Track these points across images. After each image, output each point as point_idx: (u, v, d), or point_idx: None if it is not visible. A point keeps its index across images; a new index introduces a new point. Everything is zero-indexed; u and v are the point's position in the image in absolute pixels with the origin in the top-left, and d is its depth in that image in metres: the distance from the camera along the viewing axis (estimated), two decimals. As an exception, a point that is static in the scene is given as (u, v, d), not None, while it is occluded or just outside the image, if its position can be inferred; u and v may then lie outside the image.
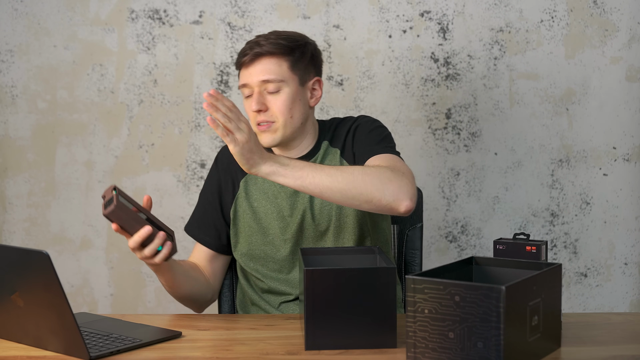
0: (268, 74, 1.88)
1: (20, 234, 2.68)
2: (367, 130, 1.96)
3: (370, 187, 1.70)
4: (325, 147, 1.98)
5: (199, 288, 1.94)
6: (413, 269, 2.12)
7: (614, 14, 2.66)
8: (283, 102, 1.89)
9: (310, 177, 1.68)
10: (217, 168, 2.03)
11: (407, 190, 1.72)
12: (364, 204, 1.71)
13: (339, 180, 1.69)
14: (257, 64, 1.89)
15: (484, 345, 1.33)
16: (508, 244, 1.66)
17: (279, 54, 1.90)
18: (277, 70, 1.89)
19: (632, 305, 2.75)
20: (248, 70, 1.89)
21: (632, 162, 2.71)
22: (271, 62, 1.89)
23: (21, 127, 2.66)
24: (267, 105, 1.88)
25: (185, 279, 1.88)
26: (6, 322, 1.57)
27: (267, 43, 1.89)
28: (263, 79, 1.88)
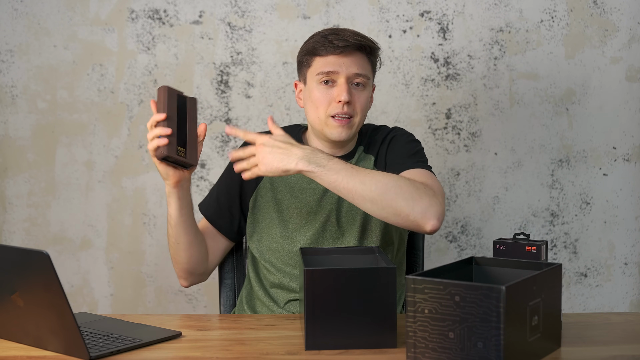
0: (361, 68, 1.89)
1: (20, 234, 2.68)
2: (402, 142, 1.97)
3: (401, 201, 1.70)
4: (360, 152, 1.99)
5: (197, 251, 1.93)
6: (415, 269, 2.12)
7: (614, 14, 2.66)
8: (365, 99, 1.91)
9: (344, 182, 1.69)
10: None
11: (435, 210, 1.72)
12: (391, 217, 1.71)
13: (372, 189, 1.69)
14: (352, 55, 1.88)
15: (484, 345, 1.33)
16: (508, 244, 1.66)
17: (369, 53, 1.92)
18: (367, 67, 1.92)
19: (632, 305, 2.75)
20: (341, 59, 1.87)
21: (632, 162, 2.71)
22: (363, 58, 1.91)
23: (21, 127, 2.66)
24: (352, 99, 1.88)
25: (189, 231, 1.88)
26: (6, 322, 1.57)
27: (362, 38, 1.89)
28: (357, 72, 1.88)
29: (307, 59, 1.92)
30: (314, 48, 1.90)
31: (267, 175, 1.72)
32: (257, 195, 1.98)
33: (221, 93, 2.65)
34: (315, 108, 1.89)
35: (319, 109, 1.89)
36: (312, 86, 1.90)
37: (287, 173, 1.69)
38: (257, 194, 1.98)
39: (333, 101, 1.87)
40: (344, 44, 1.86)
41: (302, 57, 1.95)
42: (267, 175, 1.69)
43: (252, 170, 1.71)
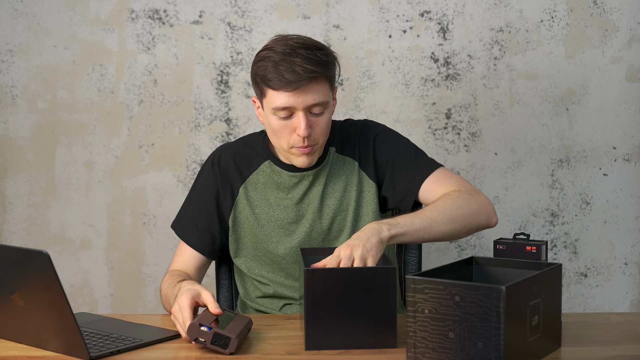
0: (319, 97, 1.78)
1: (20, 234, 2.68)
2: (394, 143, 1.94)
3: (469, 217, 1.79)
4: (333, 154, 1.94)
5: None
6: (411, 269, 2.12)
7: (614, 14, 2.66)
8: (326, 124, 1.83)
9: (425, 227, 1.73)
10: (214, 170, 1.96)
11: (487, 205, 1.84)
12: (464, 233, 1.81)
13: (445, 222, 1.76)
14: (307, 88, 1.76)
15: (484, 345, 1.33)
16: (508, 244, 1.66)
17: (325, 74, 1.80)
18: (325, 92, 1.81)
19: (632, 305, 2.75)
20: (295, 95, 1.76)
21: (632, 162, 2.71)
22: (319, 84, 1.79)
23: (21, 127, 2.66)
24: (312, 127, 1.80)
25: None
26: (6, 322, 1.57)
27: (313, 63, 1.76)
28: (313, 102, 1.78)
29: (261, 87, 1.81)
30: (265, 77, 1.78)
31: (363, 262, 1.61)
32: (235, 213, 1.93)
33: (221, 93, 2.65)
34: (277, 138, 1.83)
35: (280, 139, 1.82)
36: (269, 116, 1.81)
37: (384, 245, 1.65)
38: (235, 212, 1.93)
39: (293, 132, 1.80)
40: (297, 78, 1.74)
41: (254, 79, 1.83)
42: (363, 262, 1.61)
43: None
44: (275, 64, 1.76)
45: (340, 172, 1.93)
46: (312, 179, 1.91)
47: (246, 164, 1.95)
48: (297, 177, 1.91)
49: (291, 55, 1.76)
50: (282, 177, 1.92)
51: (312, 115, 1.80)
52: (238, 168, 1.95)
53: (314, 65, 1.75)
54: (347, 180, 1.92)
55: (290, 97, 1.76)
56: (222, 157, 1.97)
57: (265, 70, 1.78)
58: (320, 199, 1.91)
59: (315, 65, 1.76)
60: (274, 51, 1.78)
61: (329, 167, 1.93)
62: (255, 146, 1.97)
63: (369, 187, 1.92)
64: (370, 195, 1.92)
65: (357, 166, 1.93)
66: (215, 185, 1.95)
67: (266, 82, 1.78)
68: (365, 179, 1.92)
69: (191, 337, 1.49)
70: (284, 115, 1.79)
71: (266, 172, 1.93)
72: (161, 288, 1.86)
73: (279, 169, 1.92)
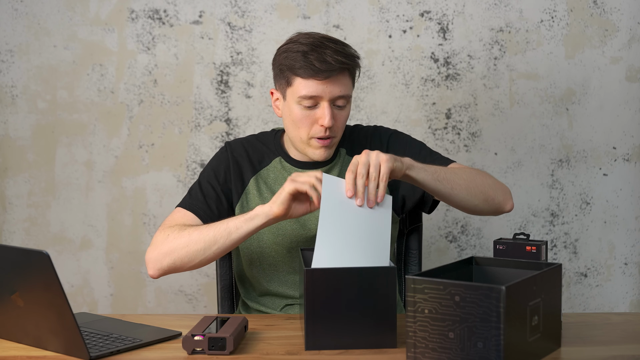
0: (344, 89, 1.82)
1: (20, 234, 2.68)
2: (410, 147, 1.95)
3: (487, 187, 1.80)
4: (343, 155, 1.96)
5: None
6: (412, 269, 2.12)
7: (614, 14, 2.66)
8: (345, 118, 1.87)
9: (443, 173, 1.74)
10: (227, 155, 1.95)
11: (506, 187, 1.86)
12: (481, 203, 1.80)
13: (464, 178, 1.77)
14: (335, 79, 1.80)
15: (484, 345, 1.33)
16: (508, 244, 1.66)
17: (352, 68, 1.84)
18: (349, 86, 1.85)
19: (632, 305, 2.75)
20: (324, 84, 1.79)
21: (632, 162, 2.71)
22: (346, 77, 1.83)
23: (21, 127, 2.66)
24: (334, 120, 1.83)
25: (225, 252, 1.79)
26: (6, 322, 1.57)
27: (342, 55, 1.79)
28: (340, 94, 1.81)
29: (287, 76, 1.83)
30: (293, 66, 1.80)
31: (394, 168, 1.65)
32: (243, 202, 1.93)
33: (221, 93, 2.65)
34: (296, 127, 1.85)
35: (300, 129, 1.84)
36: (292, 105, 1.84)
37: (400, 170, 1.67)
38: (244, 201, 1.93)
39: (315, 123, 1.83)
40: (327, 68, 1.77)
41: (279, 69, 1.85)
42: (394, 167, 1.64)
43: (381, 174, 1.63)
44: (304, 53, 1.79)
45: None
46: None
47: (258, 158, 1.96)
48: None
49: (320, 47, 1.79)
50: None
51: (335, 108, 1.83)
52: (250, 160, 1.96)
53: (344, 57, 1.79)
54: None
55: (318, 85, 1.79)
56: (235, 147, 1.98)
57: (293, 60, 1.80)
58: None
59: (345, 58, 1.80)
60: (300, 43, 1.81)
61: (339, 167, 1.95)
62: (267, 142, 1.99)
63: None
64: None
65: None
66: (227, 168, 1.95)
67: (294, 71, 1.80)
68: None
69: (188, 350, 1.49)
70: (308, 105, 1.81)
71: (277, 169, 1.95)
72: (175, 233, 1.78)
73: (290, 166, 1.94)
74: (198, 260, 1.77)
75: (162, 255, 1.79)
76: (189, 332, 1.51)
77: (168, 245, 1.79)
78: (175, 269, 1.80)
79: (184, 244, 1.77)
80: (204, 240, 1.75)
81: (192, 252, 1.77)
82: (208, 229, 1.76)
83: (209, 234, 1.75)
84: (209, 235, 1.75)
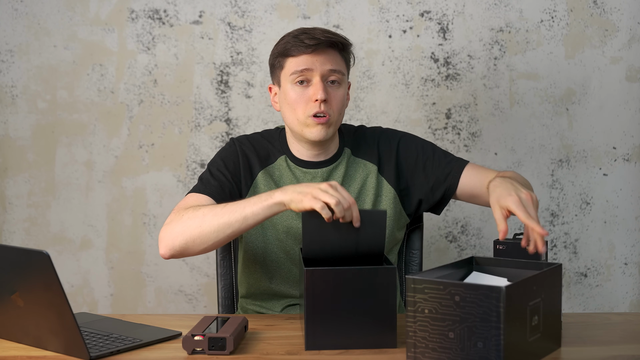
0: (335, 64, 1.86)
1: (20, 234, 2.68)
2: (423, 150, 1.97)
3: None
4: (348, 155, 1.96)
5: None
6: (413, 269, 2.12)
7: (614, 14, 2.66)
8: (341, 97, 1.89)
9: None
10: (236, 147, 1.96)
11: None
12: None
13: (522, 183, 1.80)
14: (325, 53, 1.85)
15: (484, 345, 1.33)
16: (508, 244, 1.66)
17: (342, 49, 1.89)
18: (341, 64, 1.89)
19: (632, 305, 2.75)
20: (314, 57, 1.85)
21: (632, 162, 2.71)
22: (336, 54, 1.88)
23: (21, 127, 2.66)
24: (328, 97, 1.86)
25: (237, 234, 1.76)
26: (6, 322, 1.57)
27: (333, 35, 1.87)
28: (331, 68, 1.85)
29: (280, 61, 1.90)
30: (285, 49, 1.87)
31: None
32: (252, 194, 1.93)
33: (221, 93, 2.65)
34: (293, 110, 1.87)
35: (296, 110, 1.86)
36: (287, 88, 1.88)
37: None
38: (252, 193, 1.93)
39: (309, 101, 1.85)
40: (316, 42, 1.84)
41: (274, 59, 1.92)
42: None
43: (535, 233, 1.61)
44: (295, 36, 1.87)
45: (355, 175, 1.95)
46: (325, 177, 1.94)
47: (264, 154, 1.97)
48: (311, 175, 1.93)
49: (309, 29, 1.88)
50: (296, 174, 1.94)
51: (328, 85, 1.86)
52: (258, 155, 1.96)
53: (332, 34, 1.86)
54: (363, 183, 1.94)
55: (308, 58, 1.84)
56: (243, 142, 1.99)
57: (285, 44, 1.88)
58: None
59: (333, 35, 1.86)
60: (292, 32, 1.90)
61: (344, 168, 1.95)
62: (272, 140, 2.00)
63: (388, 192, 1.94)
64: (388, 200, 1.94)
65: (376, 170, 1.95)
66: (236, 159, 1.95)
67: (286, 53, 1.87)
68: (384, 184, 1.95)
69: (188, 351, 1.50)
70: (301, 79, 1.85)
71: (282, 166, 1.96)
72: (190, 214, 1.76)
73: (294, 165, 1.95)
74: (211, 242, 1.74)
75: (175, 234, 1.76)
76: (189, 332, 1.51)
77: (182, 225, 1.75)
78: (186, 249, 1.76)
79: (198, 224, 1.74)
80: (218, 223, 1.72)
81: (205, 234, 1.74)
82: (223, 211, 1.73)
83: (224, 218, 1.72)
84: (223, 218, 1.72)
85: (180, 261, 2.68)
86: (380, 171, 1.95)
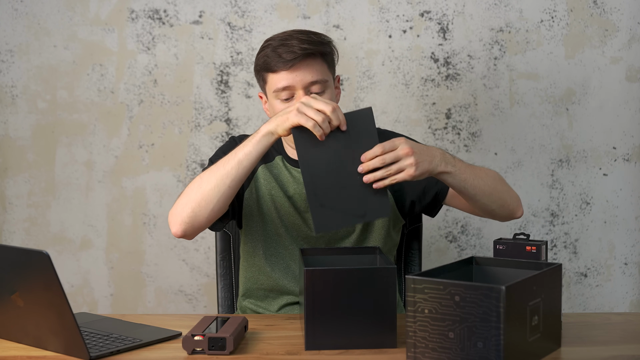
0: (316, 74, 1.84)
1: (20, 234, 2.68)
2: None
3: (504, 193, 1.83)
4: None
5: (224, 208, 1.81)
6: (412, 269, 2.12)
7: (614, 14, 2.66)
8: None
9: (471, 179, 1.75)
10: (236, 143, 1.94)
11: (518, 198, 1.89)
12: (498, 208, 1.83)
13: (488, 184, 1.78)
14: (304, 65, 1.83)
15: (484, 345, 1.33)
16: (508, 244, 1.66)
17: (320, 53, 1.86)
18: (323, 71, 1.87)
19: (632, 305, 2.75)
20: (293, 72, 1.82)
21: (632, 162, 2.71)
22: (316, 62, 1.85)
23: (21, 127, 2.66)
24: None
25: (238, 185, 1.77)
26: (6, 322, 1.57)
27: (307, 43, 1.83)
28: (312, 80, 1.83)
29: (262, 75, 1.89)
30: (265, 63, 1.86)
31: (414, 179, 1.65)
32: (252, 187, 1.95)
33: (221, 93, 2.65)
34: None
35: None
36: (273, 102, 1.87)
37: (431, 174, 1.67)
38: (253, 187, 1.95)
39: None
40: (292, 56, 1.81)
41: (257, 72, 1.91)
42: (414, 179, 1.64)
43: (396, 176, 1.63)
44: (273, 49, 1.84)
45: None
46: None
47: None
48: None
49: (288, 39, 1.85)
50: (292, 174, 1.95)
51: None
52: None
53: (307, 44, 1.83)
54: None
55: (288, 75, 1.82)
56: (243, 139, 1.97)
57: (265, 58, 1.86)
58: None
59: (309, 44, 1.83)
60: (274, 40, 1.88)
61: None
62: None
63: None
64: None
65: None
66: None
67: (267, 68, 1.86)
68: None
69: (188, 351, 1.50)
70: (285, 97, 1.84)
71: (280, 166, 1.97)
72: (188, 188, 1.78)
73: (290, 166, 1.96)
74: (215, 200, 1.74)
75: (181, 206, 1.77)
76: (189, 332, 1.51)
77: (184, 196, 1.77)
78: (195, 218, 1.76)
79: (198, 187, 1.75)
80: (216, 177, 1.74)
81: (207, 193, 1.74)
82: (217, 166, 1.75)
83: (220, 170, 1.74)
84: (219, 171, 1.74)
85: (180, 261, 2.68)
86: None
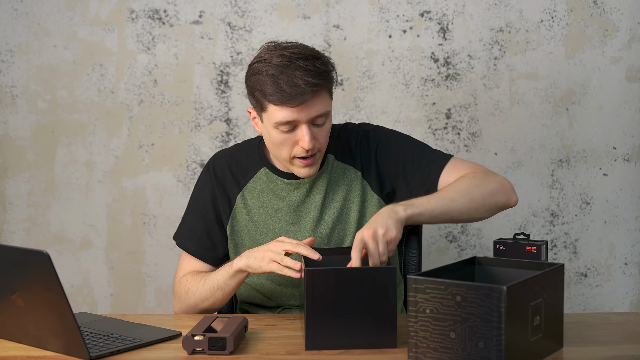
0: (322, 109, 1.75)
1: (20, 234, 2.67)
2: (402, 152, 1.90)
3: (486, 197, 1.77)
4: (332, 161, 1.91)
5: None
6: (411, 269, 2.12)
7: (614, 14, 2.66)
8: (327, 132, 1.81)
9: (439, 207, 1.72)
10: (211, 179, 1.94)
11: (505, 184, 1.82)
12: (487, 213, 1.79)
13: (461, 202, 1.75)
14: (310, 102, 1.73)
15: (485, 345, 1.33)
16: (508, 244, 1.66)
17: (326, 86, 1.77)
18: (327, 103, 1.78)
19: (632, 305, 2.75)
20: (299, 110, 1.72)
21: (632, 162, 2.71)
22: (322, 95, 1.76)
23: (21, 127, 2.65)
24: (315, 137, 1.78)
25: (229, 296, 1.87)
26: (6, 322, 1.57)
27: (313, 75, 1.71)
28: (317, 114, 1.75)
29: (260, 101, 1.76)
30: (264, 92, 1.73)
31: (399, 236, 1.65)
32: (233, 221, 1.91)
33: (221, 93, 2.65)
34: (278, 150, 1.79)
35: (281, 151, 1.79)
36: (270, 130, 1.78)
37: (403, 223, 1.66)
38: (234, 220, 1.91)
39: (296, 144, 1.77)
40: (299, 92, 1.70)
41: (251, 91, 1.79)
42: (399, 236, 1.64)
43: (389, 248, 1.63)
44: (273, 78, 1.71)
45: (340, 181, 1.91)
46: (309, 187, 1.90)
47: (242, 172, 1.93)
48: (294, 185, 1.90)
49: (289, 67, 1.71)
50: (278, 185, 1.91)
51: (315, 127, 1.78)
52: (235, 177, 1.93)
53: (315, 77, 1.72)
54: (349, 189, 1.90)
55: (293, 112, 1.72)
56: (217, 166, 1.95)
57: (263, 85, 1.73)
58: (321, 208, 1.89)
59: (316, 78, 1.72)
60: (270, 64, 1.73)
61: (329, 175, 1.90)
62: (251, 153, 1.95)
63: (372, 198, 1.91)
64: (373, 205, 1.90)
65: (360, 176, 1.91)
66: (212, 193, 1.93)
67: (266, 97, 1.74)
68: (368, 189, 1.91)
69: (188, 351, 1.49)
70: (286, 129, 1.76)
71: (262, 180, 1.92)
72: (185, 288, 1.88)
73: (275, 176, 1.91)
74: (217, 306, 1.87)
75: (187, 307, 1.88)
76: (189, 332, 1.51)
77: (187, 302, 1.87)
78: (199, 311, 1.89)
79: (198, 300, 1.85)
80: (207, 296, 1.84)
81: (208, 306, 1.86)
82: (205, 285, 1.84)
83: (208, 291, 1.84)
84: (207, 292, 1.84)
85: (180, 261, 2.68)
86: (364, 176, 1.91)
